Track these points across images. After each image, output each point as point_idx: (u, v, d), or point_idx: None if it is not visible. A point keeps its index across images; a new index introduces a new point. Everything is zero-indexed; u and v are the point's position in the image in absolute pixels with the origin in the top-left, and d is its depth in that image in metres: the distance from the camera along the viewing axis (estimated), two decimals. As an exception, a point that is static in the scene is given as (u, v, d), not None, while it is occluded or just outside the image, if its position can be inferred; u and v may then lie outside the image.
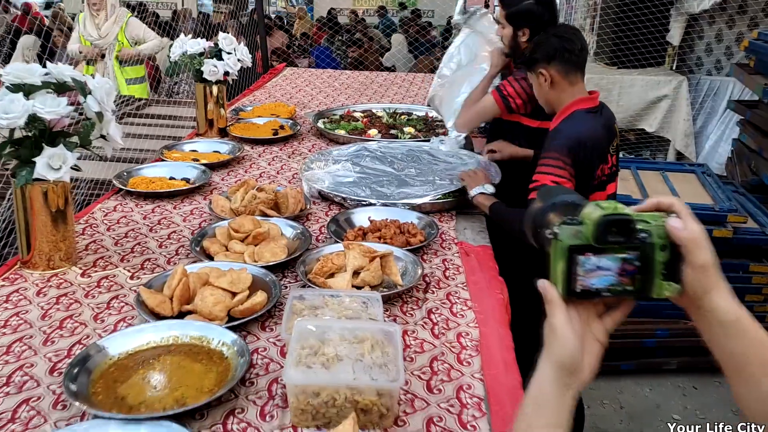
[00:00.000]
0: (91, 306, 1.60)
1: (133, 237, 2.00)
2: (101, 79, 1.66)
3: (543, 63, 2.12)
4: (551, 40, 2.11)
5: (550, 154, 2.01)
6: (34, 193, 1.69)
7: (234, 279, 1.60)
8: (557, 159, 1.99)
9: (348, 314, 1.48)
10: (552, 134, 2.10)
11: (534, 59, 2.15)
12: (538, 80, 2.16)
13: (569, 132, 2.06)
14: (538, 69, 2.14)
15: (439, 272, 1.85)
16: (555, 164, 1.98)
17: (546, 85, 2.13)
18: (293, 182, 2.53)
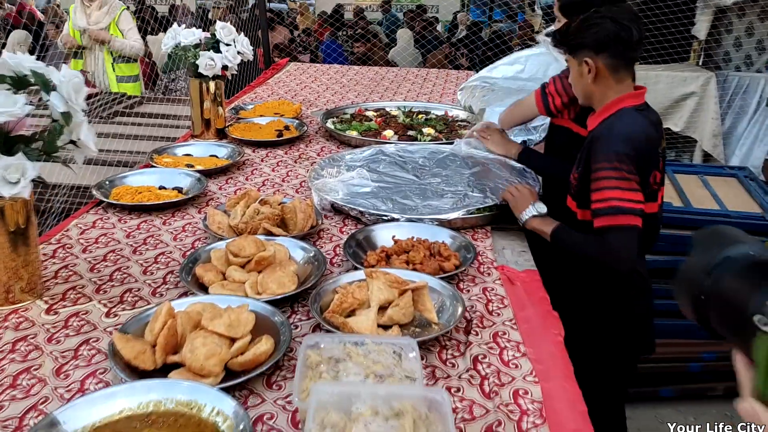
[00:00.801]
0: (54, 355, 1.29)
1: (113, 260, 1.68)
2: (69, 71, 1.35)
3: (590, 51, 1.77)
4: (606, 24, 1.74)
5: (608, 164, 1.68)
6: (-14, 212, 1.37)
7: (233, 321, 1.28)
8: (619, 170, 1.66)
9: (378, 370, 1.16)
10: (600, 137, 1.75)
11: (579, 44, 1.80)
12: (579, 68, 1.82)
13: (623, 133, 1.72)
14: (582, 56, 1.80)
15: (480, 305, 1.53)
16: (619, 176, 1.66)
17: (589, 77, 1.80)
18: (301, 191, 2.21)
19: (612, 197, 1.66)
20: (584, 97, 1.88)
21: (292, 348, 1.32)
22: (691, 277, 0.64)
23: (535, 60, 2.84)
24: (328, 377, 1.15)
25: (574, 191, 1.87)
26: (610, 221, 1.66)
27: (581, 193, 1.81)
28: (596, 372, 1.95)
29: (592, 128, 1.83)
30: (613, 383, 2.07)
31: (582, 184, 1.80)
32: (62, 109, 1.32)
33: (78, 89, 1.34)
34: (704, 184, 3.47)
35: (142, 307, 1.46)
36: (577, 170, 1.83)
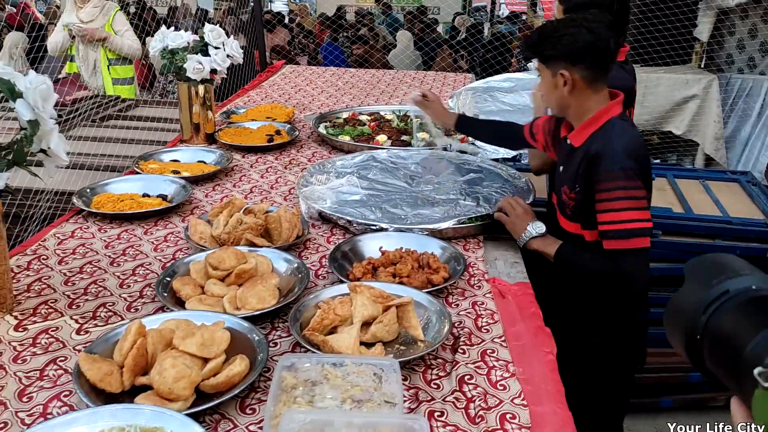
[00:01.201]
0: (18, 376, 1.22)
1: (90, 273, 1.62)
2: (37, 77, 1.28)
3: (565, 63, 1.65)
4: (582, 34, 1.62)
5: (615, 182, 1.58)
6: (-49, 225, 1.32)
7: (206, 340, 1.22)
8: (626, 188, 1.58)
9: (356, 394, 1.10)
10: (601, 154, 1.63)
11: (553, 55, 1.67)
12: (553, 80, 1.69)
13: (623, 147, 1.62)
14: (557, 68, 1.67)
15: (469, 321, 1.46)
16: (627, 195, 1.57)
17: (565, 89, 1.67)
18: (289, 199, 2.15)
19: (623, 219, 1.58)
20: (559, 109, 1.76)
21: (269, 368, 1.26)
22: (684, 313, 0.57)
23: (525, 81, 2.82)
24: (303, 402, 1.09)
25: (571, 212, 1.74)
26: (622, 245, 1.58)
27: (585, 213, 1.70)
28: (594, 387, 1.88)
29: (580, 143, 1.71)
30: (612, 397, 2.00)
31: (585, 204, 1.68)
32: (29, 117, 1.26)
33: (46, 96, 1.28)
34: (705, 189, 3.39)
35: (115, 323, 1.39)
36: (574, 189, 1.70)
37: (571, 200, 1.72)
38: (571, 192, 1.71)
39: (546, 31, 1.71)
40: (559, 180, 1.80)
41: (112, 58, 4.52)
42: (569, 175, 1.72)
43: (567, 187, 1.73)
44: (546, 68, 1.70)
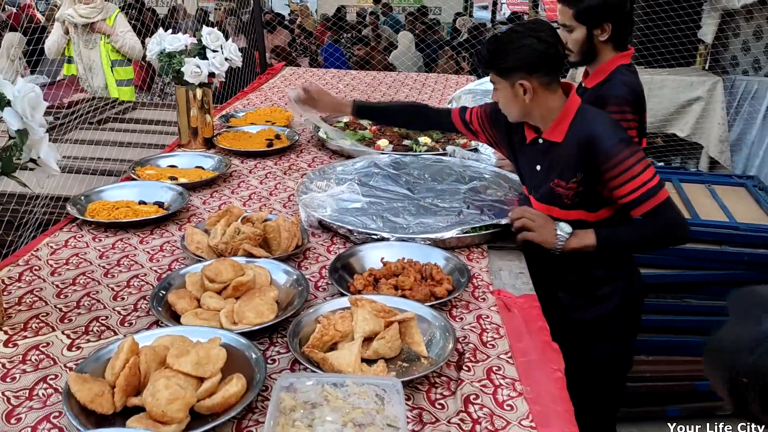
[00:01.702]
0: (7, 396, 1.18)
1: (83, 284, 1.57)
2: (25, 85, 1.24)
3: (523, 73, 1.70)
4: (534, 45, 1.67)
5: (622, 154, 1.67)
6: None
7: (201, 358, 1.17)
8: (632, 154, 1.67)
9: (357, 417, 1.06)
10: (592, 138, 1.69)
11: (511, 68, 1.71)
12: (512, 90, 1.74)
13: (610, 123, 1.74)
14: (515, 79, 1.71)
15: (473, 336, 1.42)
16: (636, 159, 1.66)
17: (526, 97, 1.72)
18: (288, 206, 2.10)
19: (645, 181, 1.66)
20: (522, 116, 1.80)
21: (267, 387, 1.21)
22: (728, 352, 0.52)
23: None
24: (302, 426, 1.04)
25: (571, 201, 1.77)
26: (655, 201, 1.67)
27: (589, 197, 1.75)
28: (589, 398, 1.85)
29: (561, 138, 1.75)
30: (607, 407, 1.99)
31: (589, 188, 1.73)
32: (17, 127, 1.22)
33: (35, 105, 1.24)
34: (711, 194, 3.35)
35: (107, 339, 1.35)
36: (572, 179, 1.74)
37: (570, 190, 1.75)
38: (569, 182, 1.75)
39: (498, 44, 1.73)
40: (541, 177, 1.83)
41: (115, 59, 4.48)
42: (561, 169, 1.76)
43: (561, 179, 1.76)
44: (503, 80, 1.74)
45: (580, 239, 1.74)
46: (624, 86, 1.96)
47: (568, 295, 1.91)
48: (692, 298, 3.00)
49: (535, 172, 1.85)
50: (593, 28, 2.00)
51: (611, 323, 1.89)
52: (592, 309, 1.89)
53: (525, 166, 1.90)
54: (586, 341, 1.88)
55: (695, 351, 2.98)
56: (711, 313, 3.00)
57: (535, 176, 1.85)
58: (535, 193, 1.86)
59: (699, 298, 3.01)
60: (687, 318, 2.99)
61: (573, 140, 1.73)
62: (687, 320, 2.98)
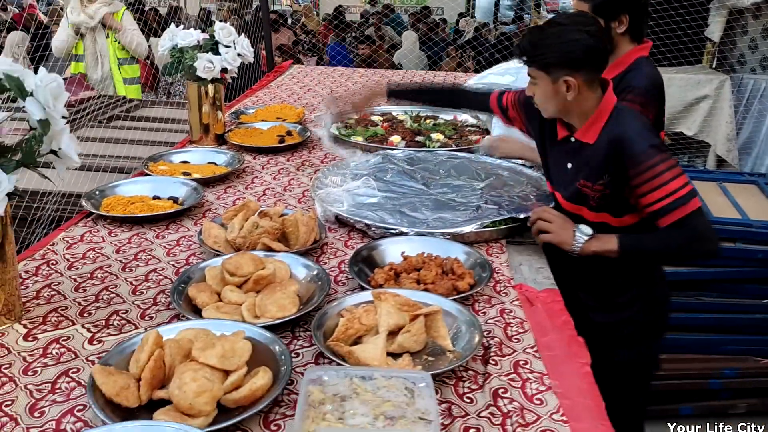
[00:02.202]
0: (29, 389, 1.16)
1: (101, 278, 1.56)
2: (47, 75, 1.22)
3: (568, 69, 1.61)
4: (582, 39, 1.59)
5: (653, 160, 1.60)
6: (-42, 229, 1.26)
7: (226, 351, 1.15)
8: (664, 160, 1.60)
9: (388, 410, 1.04)
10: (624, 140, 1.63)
11: (554, 63, 1.62)
12: (554, 86, 1.65)
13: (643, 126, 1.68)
14: (559, 75, 1.62)
15: (498, 330, 1.40)
16: (667, 166, 1.59)
17: (569, 95, 1.64)
18: (303, 201, 2.09)
19: (675, 189, 1.58)
20: (558, 113, 1.73)
21: (293, 380, 1.20)
22: None
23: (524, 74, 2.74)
24: (333, 419, 1.03)
25: (596, 203, 1.72)
26: (685, 210, 1.59)
27: (615, 201, 1.69)
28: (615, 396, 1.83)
29: (593, 139, 1.68)
30: (634, 408, 1.95)
31: (616, 192, 1.67)
32: (39, 117, 1.20)
33: (57, 94, 1.22)
34: (723, 191, 3.33)
35: (128, 332, 1.33)
36: (599, 181, 1.68)
37: (596, 192, 1.70)
38: (596, 184, 1.69)
39: (543, 37, 1.64)
40: (570, 176, 1.78)
41: (122, 57, 4.47)
42: (589, 169, 1.70)
43: (587, 180, 1.71)
44: (545, 75, 1.65)
45: (602, 243, 1.67)
46: (646, 78, 1.93)
47: (590, 296, 1.88)
48: (706, 296, 2.98)
49: (564, 171, 1.79)
50: (611, 20, 1.99)
51: (631, 329, 1.86)
52: (612, 313, 1.85)
53: (554, 163, 1.84)
54: (608, 344, 1.83)
55: (709, 349, 2.96)
56: (725, 310, 2.99)
57: (565, 175, 1.79)
58: (564, 191, 1.81)
59: (713, 296, 2.99)
60: (701, 315, 2.97)
61: (603, 142, 1.67)
62: (701, 318, 2.96)
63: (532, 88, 1.73)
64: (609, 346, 1.83)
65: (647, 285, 1.86)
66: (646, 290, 1.85)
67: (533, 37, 1.67)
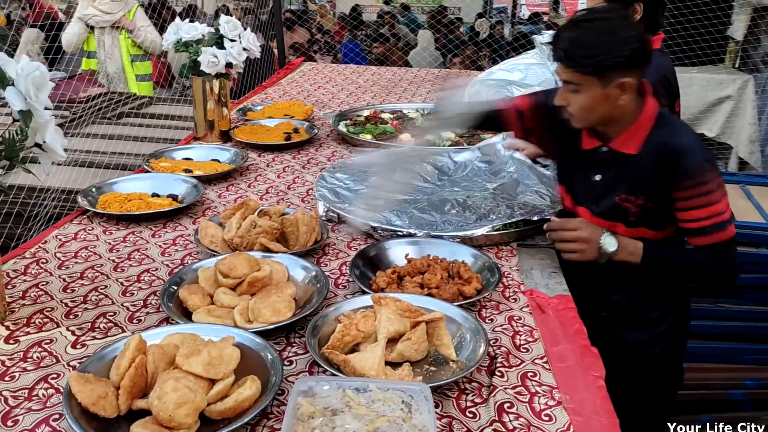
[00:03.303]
0: (4, 395, 1.10)
1: (91, 278, 1.49)
2: (29, 64, 1.16)
3: (624, 71, 1.44)
4: (636, 36, 1.44)
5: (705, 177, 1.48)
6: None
7: (213, 358, 1.08)
8: (715, 179, 1.49)
9: (382, 426, 0.96)
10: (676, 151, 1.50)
11: (611, 65, 1.43)
12: (603, 91, 1.46)
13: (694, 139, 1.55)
14: (615, 77, 1.44)
15: (506, 339, 1.31)
16: (717, 185, 1.49)
17: (622, 98, 1.48)
18: (307, 200, 2.01)
19: (719, 211, 1.49)
20: (601, 122, 1.55)
21: (284, 390, 1.12)
22: None
23: (534, 70, 2.63)
24: (322, 435, 0.95)
25: (636, 218, 1.58)
26: (723, 236, 1.50)
27: (656, 216, 1.58)
28: (639, 413, 1.73)
29: (635, 149, 1.55)
30: (658, 422, 1.85)
31: (658, 207, 1.55)
32: (20, 107, 1.14)
33: (39, 85, 1.16)
34: (746, 194, 3.20)
35: (114, 336, 1.26)
36: (642, 195, 1.55)
37: (639, 207, 1.57)
38: (640, 198, 1.56)
39: (591, 36, 1.45)
40: (601, 190, 1.63)
41: (134, 54, 4.44)
42: (633, 183, 1.56)
43: (631, 194, 1.57)
44: (595, 79, 1.46)
45: (628, 253, 1.55)
46: (656, 71, 1.80)
47: (618, 313, 1.75)
48: (727, 303, 2.86)
49: (591, 183, 1.65)
50: (624, 9, 1.89)
51: (665, 344, 1.75)
52: (644, 330, 1.73)
53: (578, 175, 1.69)
54: (636, 362, 1.74)
55: (730, 358, 2.84)
56: (747, 318, 2.87)
57: (593, 188, 1.64)
58: (595, 206, 1.65)
59: (734, 303, 2.87)
60: (722, 323, 2.85)
61: (650, 153, 1.53)
62: (722, 326, 2.85)
63: (567, 97, 1.52)
64: (637, 364, 1.73)
65: (680, 296, 1.75)
66: (678, 302, 1.75)
67: (576, 36, 1.46)
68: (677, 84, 2.05)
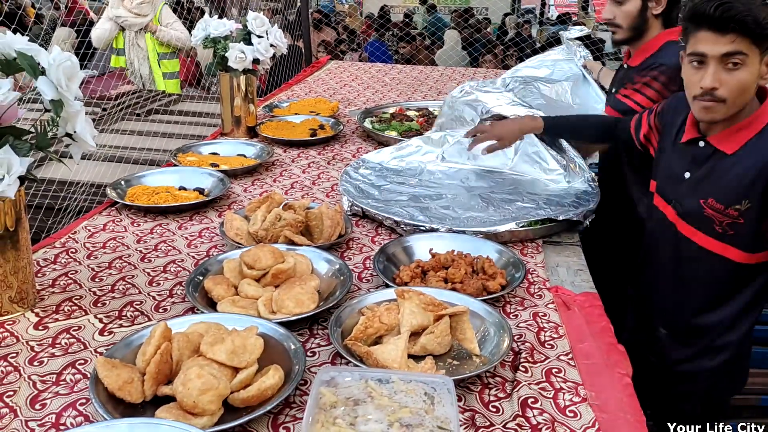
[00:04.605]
0: (32, 379, 1.12)
1: (119, 268, 1.51)
2: (61, 54, 1.18)
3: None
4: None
5: None
6: (-30, 212, 1.22)
7: (237, 347, 1.09)
8: None
9: (404, 417, 0.95)
10: None
11: None
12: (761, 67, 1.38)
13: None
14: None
15: (530, 335, 1.30)
16: None
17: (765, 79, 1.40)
18: (332, 195, 2.02)
19: None
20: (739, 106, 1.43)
21: (306, 380, 1.12)
22: None
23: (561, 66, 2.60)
24: (344, 424, 0.95)
25: (723, 230, 1.49)
26: None
27: (749, 234, 1.47)
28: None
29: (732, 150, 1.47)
30: None
31: (753, 224, 1.45)
32: (51, 96, 1.16)
33: (71, 75, 1.18)
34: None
35: (141, 324, 1.28)
36: (734, 206, 1.45)
37: (727, 217, 1.47)
38: (728, 208, 1.46)
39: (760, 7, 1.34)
40: (688, 189, 1.56)
41: (161, 52, 4.50)
42: (722, 188, 1.47)
43: (719, 202, 1.48)
44: (760, 52, 1.36)
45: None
46: (675, 57, 1.71)
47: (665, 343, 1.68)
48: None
49: (680, 180, 1.57)
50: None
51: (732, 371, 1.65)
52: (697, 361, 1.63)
53: (669, 170, 1.62)
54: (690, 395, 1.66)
55: (760, 362, 2.77)
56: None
57: (681, 185, 1.57)
58: (679, 206, 1.58)
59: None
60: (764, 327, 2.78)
61: (751, 159, 1.43)
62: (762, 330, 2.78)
63: (721, 77, 1.39)
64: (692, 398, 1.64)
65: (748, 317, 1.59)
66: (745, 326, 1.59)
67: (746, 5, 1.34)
68: None
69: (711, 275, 1.56)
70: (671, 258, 1.63)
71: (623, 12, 1.93)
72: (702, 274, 1.57)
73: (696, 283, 1.59)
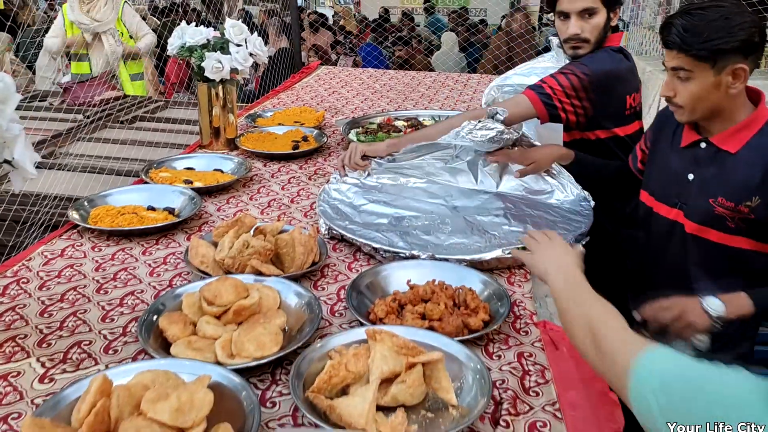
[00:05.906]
0: (-44, 439, 1.00)
1: (71, 301, 1.40)
2: (-4, 74, 1.07)
3: (739, 56, 1.41)
4: (753, 20, 1.41)
5: None
6: None
7: (183, 403, 0.97)
8: None
9: (364, 492, 0.84)
10: None
11: (728, 49, 1.40)
12: (715, 78, 1.43)
13: None
14: (730, 63, 1.41)
15: (513, 380, 1.19)
16: None
17: (735, 87, 1.44)
18: (310, 215, 1.90)
19: None
20: (709, 114, 1.51)
21: (262, 440, 1.01)
22: None
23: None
24: (295, 501, 0.84)
25: (736, 225, 1.51)
26: None
27: (761, 226, 1.50)
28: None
29: (736, 148, 1.50)
30: None
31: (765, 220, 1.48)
32: (-19, 122, 1.04)
33: (4, 98, 1.06)
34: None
35: (86, 369, 1.17)
36: (744, 203, 1.48)
37: (737, 213, 1.50)
38: (738, 205, 1.49)
39: (706, 21, 1.41)
40: (694, 190, 1.58)
41: (125, 53, 4.41)
42: (730, 186, 1.51)
43: (729, 200, 1.51)
44: (708, 66, 1.43)
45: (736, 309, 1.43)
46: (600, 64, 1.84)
47: None
48: None
49: (684, 182, 1.60)
50: (611, 10, 1.92)
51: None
52: None
53: (669, 174, 1.65)
54: None
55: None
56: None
57: (686, 187, 1.60)
58: (685, 207, 1.60)
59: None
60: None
61: (755, 157, 1.48)
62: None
63: (676, 87, 1.50)
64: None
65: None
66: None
67: (690, 22, 1.43)
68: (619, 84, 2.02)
69: (727, 269, 1.56)
70: (680, 260, 1.63)
71: (593, 25, 1.92)
72: (717, 269, 1.56)
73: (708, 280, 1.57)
